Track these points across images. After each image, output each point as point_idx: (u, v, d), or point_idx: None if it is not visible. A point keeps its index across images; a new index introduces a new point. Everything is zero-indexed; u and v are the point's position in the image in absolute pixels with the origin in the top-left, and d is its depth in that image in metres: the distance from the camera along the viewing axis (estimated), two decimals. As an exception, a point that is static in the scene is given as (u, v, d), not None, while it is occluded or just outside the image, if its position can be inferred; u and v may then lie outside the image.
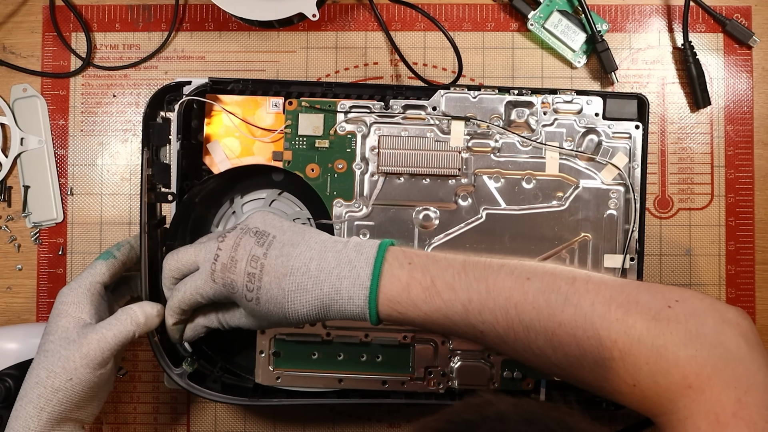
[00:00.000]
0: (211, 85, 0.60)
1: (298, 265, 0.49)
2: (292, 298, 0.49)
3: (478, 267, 0.48)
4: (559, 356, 0.46)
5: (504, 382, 0.61)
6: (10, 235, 0.69)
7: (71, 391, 0.51)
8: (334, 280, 0.49)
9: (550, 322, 0.46)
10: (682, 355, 0.43)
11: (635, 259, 0.61)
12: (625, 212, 0.61)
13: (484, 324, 0.47)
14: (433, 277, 0.48)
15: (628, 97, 0.62)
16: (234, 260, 0.50)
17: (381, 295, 0.48)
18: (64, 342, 0.51)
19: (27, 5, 0.70)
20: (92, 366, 0.51)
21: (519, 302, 0.46)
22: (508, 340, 0.47)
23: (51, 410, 0.50)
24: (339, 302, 0.49)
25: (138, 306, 0.54)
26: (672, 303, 0.45)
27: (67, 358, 0.51)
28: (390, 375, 0.61)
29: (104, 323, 0.53)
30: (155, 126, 0.58)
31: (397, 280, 0.48)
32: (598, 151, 0.62)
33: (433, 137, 0.61)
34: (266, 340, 0.61)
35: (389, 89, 0.62)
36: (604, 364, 0.45)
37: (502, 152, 0.62)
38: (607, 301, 0.45)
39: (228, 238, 0.51)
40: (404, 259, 0.49)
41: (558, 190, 0.62)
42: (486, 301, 0.47)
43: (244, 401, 0.60)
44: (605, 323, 0.45)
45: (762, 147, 0.69)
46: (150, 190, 0.59)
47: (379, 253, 0.49)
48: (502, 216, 0.61)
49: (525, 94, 0.61)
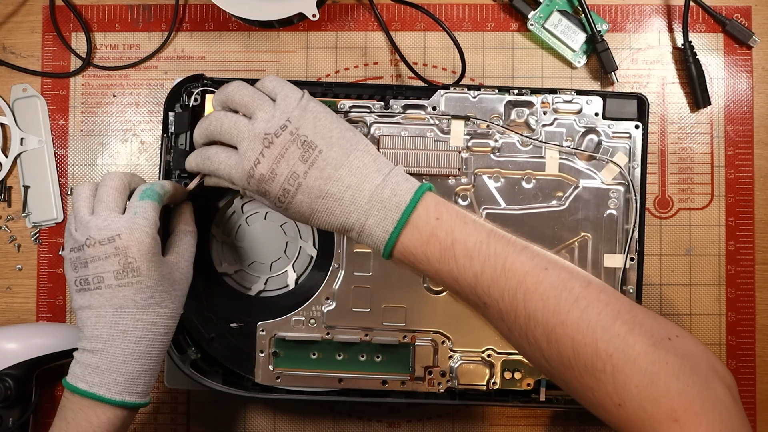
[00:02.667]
0: (211, 84, 0.61)
1: (334, 190, 0.49)
2: (318, 217, 0.50)
3: (501, 242, 0.48)
4: (552, 352, 0.46)
5: (504, 382, 0.61)
6: (10, 235, 0.69)
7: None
8: (362, 215, 0.49)
9: (554, 318, 0.46)
10: (673, 387, 0.43)
11: (635, 258, 0.61)
12: (625, 212, 0.61)
13: (489, 298, 0.48)
14: (454, 240, 0.48)
15: (628, 96, 0.62)
16: (273, 174, 0.50)
17: (399, 243, 0.49)
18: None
19: (27, 5, 0.70)
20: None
21: (530, 289, 0.47)
22: (507, 320, 0.48)
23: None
24: (360, 233, 0.50)
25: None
26: (672, 336, 0.46)
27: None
28: (390, 375, 0.61)
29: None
30: (176, 114, 0.61)
31: (418, 233, 0.49)
32: (598, 151, 0.62)
33: (433, 137, 0.61)
34: (266, 339, 0.61)
35: (389, 89, 0.62)
36: (594, 375, 0.45)
37: (502, 152, 0.62)
38: (614, 315, 0.45)
39: (275, 146, 0.50)
40: (433, 213, 0.49)
41: (558, 190, 0.62)
42: (498, 278, 0.47)
43: (243, 393, 0.61)
44: (606, 335, 0.45)
45: (762, 147, 0.69)
46: (167, 177, 0.61)
47: (412, 200, 0.49)
48: (501, 216, 0.61)
49: (525, 93, 0.61)
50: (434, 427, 0.68)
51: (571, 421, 0.68)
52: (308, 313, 0.61)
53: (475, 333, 0.61)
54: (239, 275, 0.64)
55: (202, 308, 0.63)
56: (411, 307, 0.61)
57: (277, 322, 0.61)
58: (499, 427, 0.68)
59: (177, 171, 0.61)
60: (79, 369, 0.51)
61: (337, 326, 0.61)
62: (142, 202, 0.52)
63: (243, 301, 0.64)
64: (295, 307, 0.61)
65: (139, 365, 0.51)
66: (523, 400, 0.62)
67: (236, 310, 0.63)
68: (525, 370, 0.61)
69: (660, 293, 0.68)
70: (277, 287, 0.64)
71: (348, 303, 0.61)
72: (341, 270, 0.61)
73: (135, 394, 0.51)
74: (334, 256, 0.61)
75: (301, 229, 0.64)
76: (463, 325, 0.61)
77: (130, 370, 0.51)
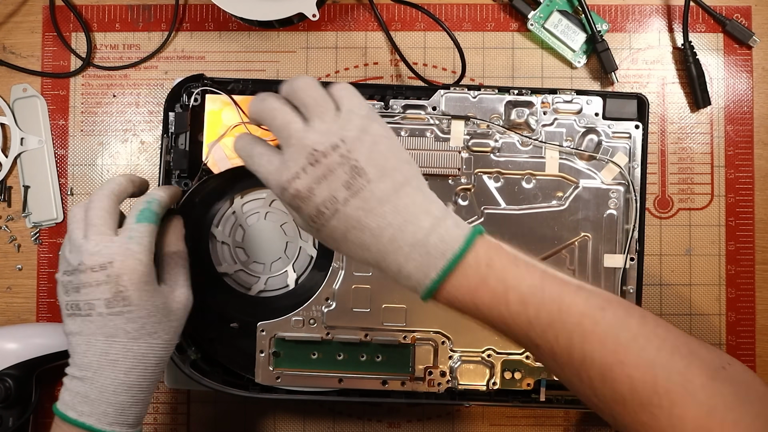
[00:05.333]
0: (211, 85, 0.61)
1: (373, 225, 0.45)
2: (350, 248, 0.46)
3: (555, 284, 0.46)
4: (605, 389, 0.45)
5: (504, 382, 0.61)
6: (10, 235, 0.69)
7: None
8: (401, 257, 0.45)
9: (612, 357, 0.44)
10: (729, 418, 0.43)
11: (635, 258, 0.61)
12: (625, 212, 0.61)
13: (543, 340, 0.46)
14: (507, 287, 0.45)
15: (628, 96, 0.62)
16: (311, 193, 0.45)
17: (443, 290, 0.46)
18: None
19: (27, 5, 0.70)
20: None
21: (587, 331, 0.45)
22: (559, 360, 0.46)
23: None
24: (397, 275, 0.46)
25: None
26: (726, 364, 0.45)
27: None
28: (390, 375, 0.61)
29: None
30: (176, 114, 0.61)
31: (466, 281, 0.45)
32: (598, 151, 0.62)
33: (432, 137, 0.61)
34: (266, 339, 0.61)
35: (389, 89, 0.62)
36: (650, 411, 0.44)
37: (502, 152, 0.62)
38: (672, 350, 0.44)
39: (320, 165, 0.45)
40: (484, 259, 0.45)
41: (558, 190, 0.62)
42: (554, 322, 0.45)
43: (243, 393, 0.60)
44: (665, 371, 0.44)
45: (762, 147, 0.69)
46: (167, 176, 0.61)
47: (462, 248, 0.45)
48: (501, 216, 0.61)
49: (525, 93, 0.61)
50: (434, 427, 0.68)
51: (571, 421, 0.68)
52: (308, 314, 0.61)
53: (475, 333, 0.61)
54: (239, 275, 0.64)
55: (202, 308, 0.63)
56: (411, 307, 0.61)
57: (277, 322, 0.61)
58: (500, 427, 0.68)
59: (177, 171, 0.61)
60: (69, 396, 0.50)
61: (337, 326, 0.61)
62: (138, 225, 0.50)
63: (243, 301, 0.63)
64: (295, 307, 0.61)
65: (129, 396, 0.50)
66: (523, 400, 0.62)
67: (236, 310, 0.63)
68: (525, 370, 0.61)
69: (660, 293, 0.68)
70: (277, 287, 0.64)
71: (348, 303, 0.61)
72: (341, 270, 0.61)
73: (125, 425, 0.50)
74: (334, 255, 0.61)
75: (301, 229, 0.64)
76: (463, 325, 0.61)
77: (120, 401, 0.50)
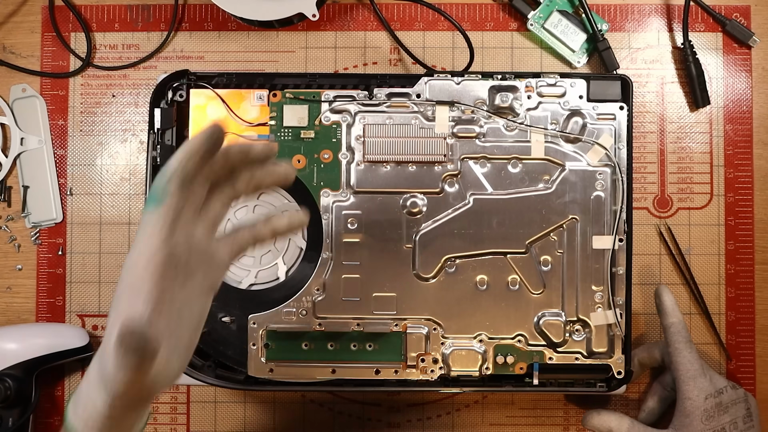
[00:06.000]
0: (195, 80, 0.62)
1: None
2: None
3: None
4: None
5: (497, 367, 0.61)
6: (10, 235, 0.69)
7: None
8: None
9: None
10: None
11: (623, 239, 0.61)
12: (612, 193, 0.62)
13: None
14: None
15: (612, 78, 0.62)
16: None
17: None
18: None
19: (27, 5, 0.70)
20: None
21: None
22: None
23: None
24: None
25: None
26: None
27: None
28: (382, 363, 0.61)
29: None
30: (162, 110, 0.62)
31: None
32: (584, 133, 0.62)
33: (417, 124, 0.61)
34: (258, 332, 0.61)
35: (373, 78, 0.62)
36: None
37: (487, 137, 0.62)
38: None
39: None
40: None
41: (544, 174, 0.62)
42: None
43: (236, 386, 0.61)
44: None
45: (761, 147, 0.69)
46: (154, 173, 0.61)
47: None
48: (489, 201, 0.62)
49: (509, 78, 0.62)
50: (434, 427, 0.68)
51: (571, 420, 0.68)
52: (299, 305, 0.61)
53: (466, 319, 0.61)
54: (229, 269, 0.64)
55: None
56: (401, 295, 0.61)
57: (269, 314, 0.61)
58: (500, 427, 0.68)
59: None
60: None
61: (328, 317, 0.61)
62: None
63: (234, 295, 0.64)
64: (287, 299, 0.61)
65: None
66: (516, 385, 0.62)
67: (227, 303, 0.63)
68: (517, 355, 0.61)
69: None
70: (268, 280, 0.64)
71: (338, 293, 0.61)
72: (331, 260, 0.61)
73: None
74: (323, 246, 0.61)
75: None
76: (454, 311, 0.61)
77: None
